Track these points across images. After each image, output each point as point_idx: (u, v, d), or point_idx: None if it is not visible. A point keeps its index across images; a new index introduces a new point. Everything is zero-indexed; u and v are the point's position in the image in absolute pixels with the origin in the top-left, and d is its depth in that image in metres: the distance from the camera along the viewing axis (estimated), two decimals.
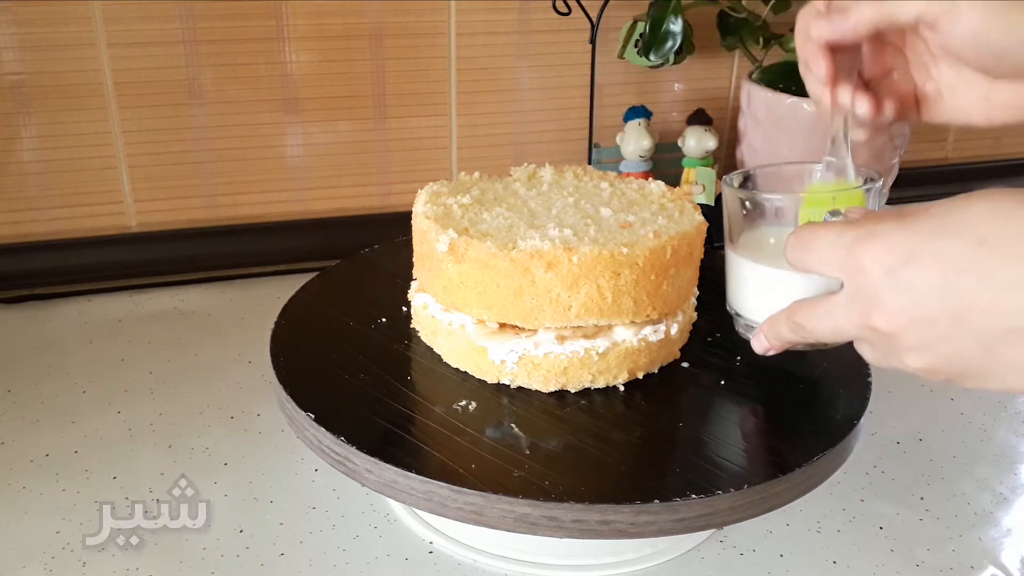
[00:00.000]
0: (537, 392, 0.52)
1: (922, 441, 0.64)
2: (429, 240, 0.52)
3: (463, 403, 0.51)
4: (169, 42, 0.79)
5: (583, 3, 0.85)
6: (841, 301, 0.40)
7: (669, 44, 0.83)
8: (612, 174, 0.62)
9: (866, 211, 0.44)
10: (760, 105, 0.87)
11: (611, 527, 0.43)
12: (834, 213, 0.44)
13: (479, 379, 0.53)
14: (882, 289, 0.37)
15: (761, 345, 0.47)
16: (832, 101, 0.47)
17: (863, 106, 0.46)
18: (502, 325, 0.52)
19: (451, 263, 0.51)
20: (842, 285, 0.40)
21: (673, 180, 0.90)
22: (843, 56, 0.46)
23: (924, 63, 0.47)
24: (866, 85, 0.48)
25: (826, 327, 0.41)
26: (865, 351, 0.41)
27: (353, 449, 0.46)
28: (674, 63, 0.88)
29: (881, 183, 0.48)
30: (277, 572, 0.50)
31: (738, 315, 0.52)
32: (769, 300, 0.48)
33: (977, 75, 0.45)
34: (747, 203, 0.50)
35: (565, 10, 0.84)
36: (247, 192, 0.86)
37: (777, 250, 0.46)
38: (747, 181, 0.53)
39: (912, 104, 0.49)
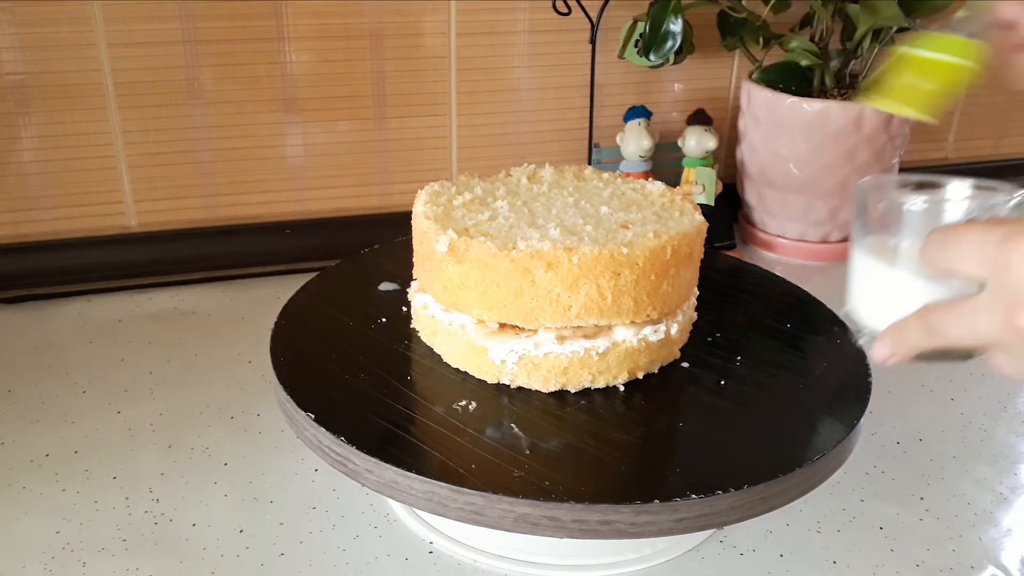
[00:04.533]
0: (537, 392, 0.52)
1: (922, 441, 0.64)
2: (429, 240, 0.52)
3: (463, 403, 0.51)
4: (169, 42, 0.79)
5: (583, 3, 0.85)
6: (984, 301, 0.37)
7: (669, 44, 0.83)
8: (612, 174, 0.62)
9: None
10: (760, 105, 0.87)
11: (611, 527, 0.43)
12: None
13: (479, 379, 0.53)
14: None
15: (883, 353, 0.43)
16: None
17: None
18: (502, 325, 0.52)
19: (451, 263, 0.51)
20: (980, 288, 0.38)
21: (673, 180, 0.90)
22: None
23: None
24: None
25: (963, 330, 0.38)
26: (1000, 360, 0.38)
27: (353, 449, 0.46)
28: (674, 63, 0.88)
29: (1021, 195, 0.45)
30: (277, 572, 0.50)
31: (857, 320, 0.48)
32: (896, 306, 0.44)
33: None
34: (889, 205, 0.46)
35: (565, 10, 0.85)
36: (247, 192, 0.86)
37: (911, 254, 0.43)
38: (884, 186, 0.48)
39: None
